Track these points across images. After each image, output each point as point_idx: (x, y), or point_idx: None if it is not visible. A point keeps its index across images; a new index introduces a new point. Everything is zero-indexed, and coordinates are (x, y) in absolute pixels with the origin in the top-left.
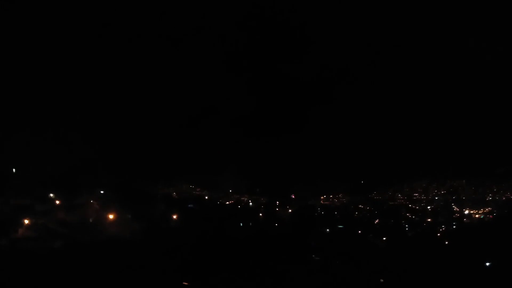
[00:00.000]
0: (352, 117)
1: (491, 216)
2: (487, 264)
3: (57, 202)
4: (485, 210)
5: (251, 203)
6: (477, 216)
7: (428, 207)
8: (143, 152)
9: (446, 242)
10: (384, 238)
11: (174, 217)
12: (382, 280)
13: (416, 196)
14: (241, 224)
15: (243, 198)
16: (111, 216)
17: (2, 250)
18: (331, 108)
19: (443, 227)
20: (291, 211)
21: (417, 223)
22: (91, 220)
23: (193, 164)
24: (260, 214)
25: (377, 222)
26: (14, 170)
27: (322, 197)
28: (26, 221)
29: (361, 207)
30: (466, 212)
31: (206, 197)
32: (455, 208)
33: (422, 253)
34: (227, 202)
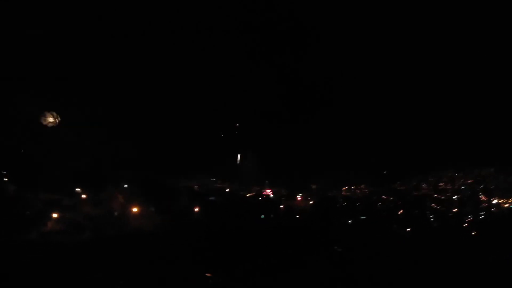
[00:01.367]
0: (375, 106)
1: None
2: None
3: (83, 196)
4: None
5: (272, 195)
6: (506, 205)
7: (454, 197)
8: (165, 147)
9: (474, 233)
10: (409, 229)
11: (196, 210)
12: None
13: (441, 185)
14: (262, 216)
15: (264, 191)
16: (135, 210)
17: (33, 243)
18: (353, 97)
19: (470, 217)
20: (312, 202)
21: (443, 213)
22: (116, 214)
23: (213, 157)
24: (281, 206)
25: (401, 213)
26: (42, 166)
27: (343, 188)
28: (55, 215)
29: (384, 197)
30: (495, 201)
31: (227, 190)
32: (483, 198)
33: (448, 243)
34: (248, 195)
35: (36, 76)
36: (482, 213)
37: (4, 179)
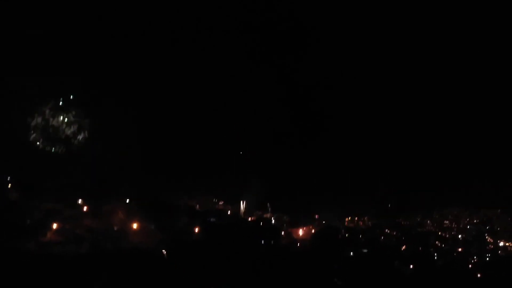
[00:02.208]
0: (381, 138)
1: None
2: None
3: (85, 208)
4: None
5: (273, 221)
6: None
7: (459, 236)
8: (168, 165)
9: (479, 275)
10: (411, 266)
11: (196, 230)
12: None
13: (446, 223)
14: (262, 241)
15: (266, 215)
16: (135, 226)
17: (30, 253)
18: (359, 128)
19: (475, 258)
20: (314, 231)
21: (447, 252)
22: (116, 228)
23: (216, 178)
24: (282, 233)
25: (404, 249)
26: (46, 176)
27: (347, 219)
28: (55, 225)
29: (387, 231)
30: (501, 244)
31: (229, 212)
32: (489, 239)
33: (451, 284)
34: (250, 219)
35: (43, 88)
36: (488, 254)
37: (7, 185)
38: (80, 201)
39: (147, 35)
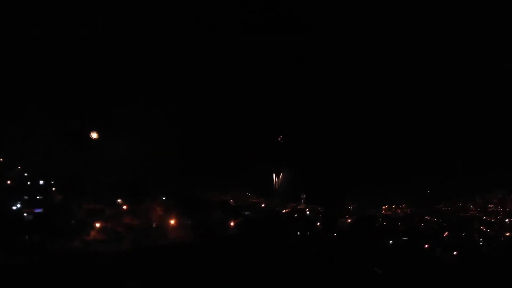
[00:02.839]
0: (417, 124)
1: None
2: None
3: (124, 207)
4: None
5: (308, 212)
6: None
7: (506, 220)
8: (202, 162)
9: None
10: (455, 253)
11: (232, 224)
12: None
13: (491, 207)
14: (298, 233)
15: (300, 207)
16: (172, 222)
17: (76, 251)
18: (396, 115)
19: None
20: (350, 221)
21: (493, 237)
22: (154, 225)
23: (249, 172)
24: (318, 224)
25: (446, 235)
26: (87, 178)
27: (384, 207)
28: (97, 225)
29: (427, 218)
30: None
31: (263, 205)
32: None
33: (498, 270)
34: (284, 211)
35: (79, 94)
36: None
37: (52, 189)
38: (119, 200)
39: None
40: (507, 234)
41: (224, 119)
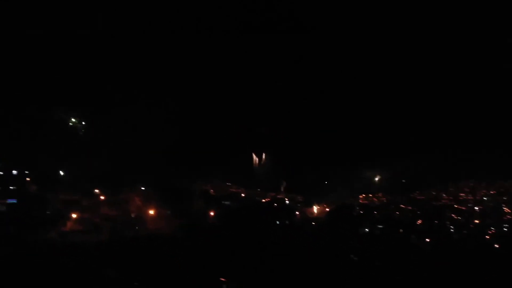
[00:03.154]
0: (394, 113)
1: None
2: None
3: (102, 197)
4: None
5: (287, 202)
6: None
7: (476, 208)
8: (182, 151)
9: (496, 246)
10: (428, 240)
11: (211, 213)
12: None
13: (462, 196)
14: (277, 222)
15: (279, 196)
16: (151, 212)
17: (52, 243)
18: (371, 105)
19: (492, 230)
20: (329, 210)
21: (463, 224)
22: (133, 215)
23: (229, 162)
24: (297, 213)
25: (420, 223)
26: (62, 168)
27: (361, 196)
28: (74, 215)
29: (402, 206)
30: None
31: (243, 195)
32: (506, 209)
33: (469, 256)
34: (264, 200)
35: (56, 82)
36: (506, 225)
37: (26, 179)
38: (96, 190)
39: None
40: (477, 221)
41: (204, 109)
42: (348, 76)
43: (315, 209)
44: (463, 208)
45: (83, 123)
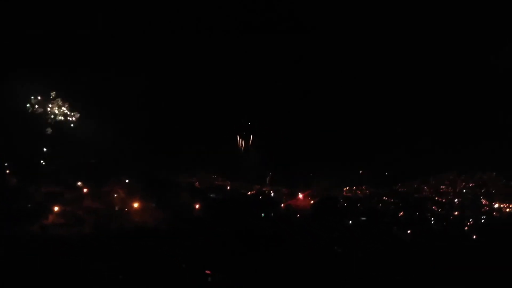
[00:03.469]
0: (376, 107)
1: None
2: None
3: (85, 190)
4: None
5: (272, 194)
6: (507, 210)
7: (456, 200)
8: (166, 143)
9: (474, 237)
10: (409, 231)
11: (197, 206)
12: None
13: (443, 188)
14: (262, 214)
15: (264, 189)
16: (136, 205)
17: (34, 236)
18: (354, 97)
19: (471, 221)
20: (313, 202)
21: (443, 216)
22: (117, 208)
23: (214, 154)
24: (282, 205)
25: (401, 215)
26: (44, 159)
27: (345, 189)
28: (56, 208)
29: (385, 199)
30: (496, 205)
31: (228, 187)
32: (484, 202)
33: (449, 247)
34: (249, 193)
35: (40, 72)
36: (483, 217)
37: (6, 171)
38: (79, 183)
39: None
40: (456, 213)
41: (189, 101)
42: (332, 71)
43: (299, 196)
44: (443, 200)
45: (66, 114)
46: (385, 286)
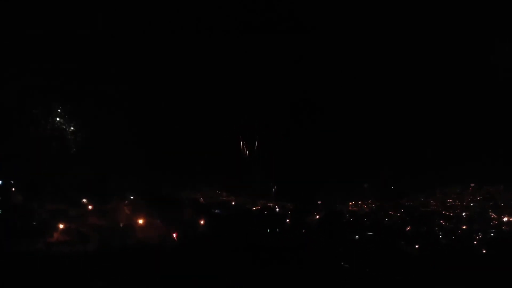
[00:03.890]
0: (382, 121)
1: None
2: None
3: (90, 207)
4: None
5: (277, 209)
6: None
7: (463, 214)
8: (171, 159)
9: (484, 251)
10: (417, 246)
11: (201, 222)
12: None
13: (450, 202)
14: (268, 230)
15: (269, 204)
16: (140, 221)
17: (39, 253)
18: (361, 112)
19: (479, 235)
20: (319, 217)
21: (451, 230)
22: (121, 225)
23: (219, 170)
24: (287, 220)
25: (408, 229)
26: (49, 177)
27: (350, 203)
28: (61, 226)
29: (391, 213)
30: (505, 219)
31: (233, 203)
32: (493, 215)
33: (457, 261)
34: (254, 208)
35: (43, 90)
36: (492, 230)
37: (11, 188)
38: (84, 200)
39: (147, 34)
40: (464, 227)
41: (195, 118)
42: (337, 82)
43: (305, 216)
44: (451, 214)
45: (71, 130)
46: None
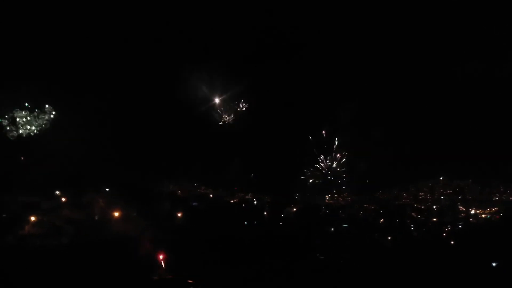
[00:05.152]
0: (359, 117)
1: (497, 216)
2: (493, 264)
3: (63, 199)
4: (491, 210)
5: (255, 202)
6: (483, 216)
7: (434, 207)
8: (148, 151)
9: (452, 242)
10: (390, 238)
11: (179, 215)
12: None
13: (421, 195)
14: (245, 222)
15: (247, 197)
16: (116, 214)
17: (9, 247)
18: (338, 107)
19: (449, 227)
20: (296, 210)
21: (422, 222)
22: (96, 218)
23: (197, 162)
24: (265, 213)
25: (382, 222)
26: (21, 168)
27: (327, 196)
28: (33, 218)
29: (366, 206)
30: (472, 212)
31: (211, 196)
32: (461, 208)
33: (427, 252)
34: (232, 201)
35: (19, 81)
36: (461, 223)
37: None
38: (57, 192)
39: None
40: (434, 219)
41: (169, 107)
42: (316, 77)
43: (282, 209)
44: (422, 207)
45: (44, 121)
46: None
